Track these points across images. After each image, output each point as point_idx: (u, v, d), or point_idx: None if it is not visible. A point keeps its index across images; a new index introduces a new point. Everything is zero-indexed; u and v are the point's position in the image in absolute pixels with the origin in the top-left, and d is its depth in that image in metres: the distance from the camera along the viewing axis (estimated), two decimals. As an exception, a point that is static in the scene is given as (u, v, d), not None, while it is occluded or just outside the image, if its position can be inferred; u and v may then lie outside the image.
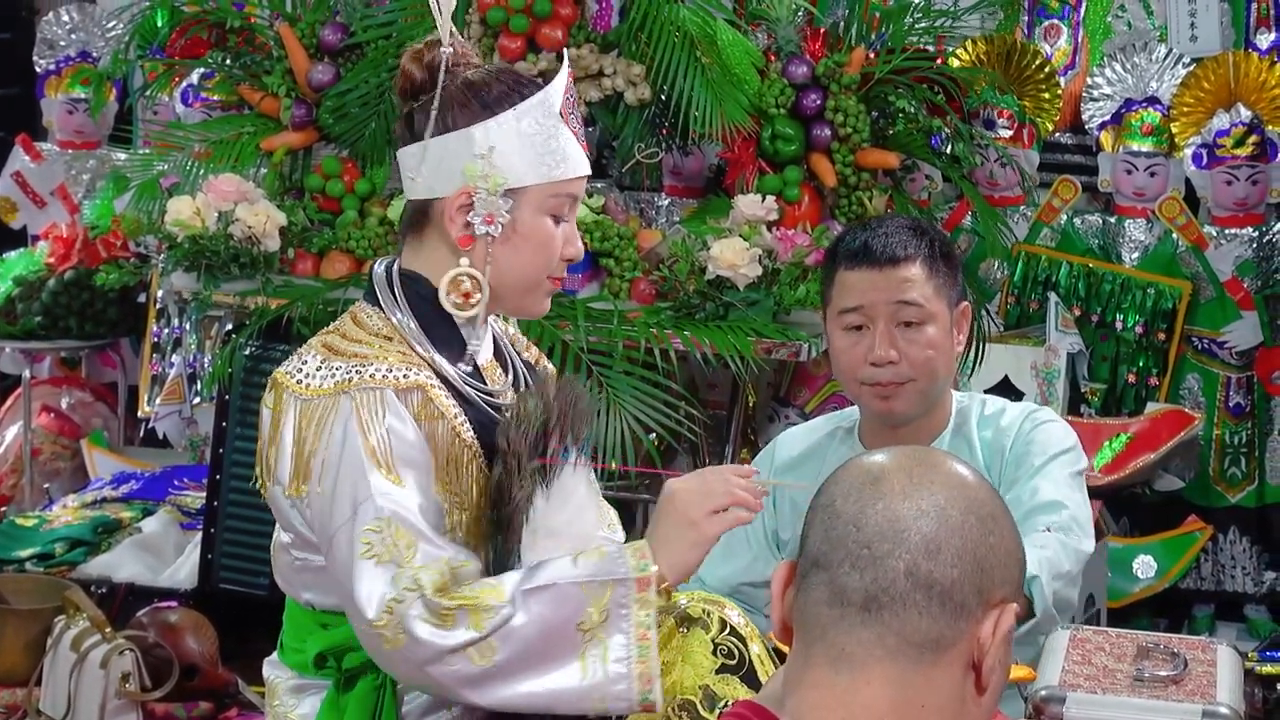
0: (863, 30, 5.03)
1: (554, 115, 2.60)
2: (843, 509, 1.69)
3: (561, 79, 2.64)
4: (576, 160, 2.63)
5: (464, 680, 2.44)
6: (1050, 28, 5.69)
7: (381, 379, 2.52)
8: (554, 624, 2.44)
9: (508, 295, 2.66)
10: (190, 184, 5.01)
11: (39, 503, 5.75)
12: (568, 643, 2.45)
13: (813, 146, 4.86)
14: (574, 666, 2.45)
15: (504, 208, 2.57)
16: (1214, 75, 5.34)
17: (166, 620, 4.21)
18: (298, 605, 2.68)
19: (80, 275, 5.94)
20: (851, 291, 3.11)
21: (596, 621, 2.44)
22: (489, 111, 2.58)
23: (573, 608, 2.44)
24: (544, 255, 2.64)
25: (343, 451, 2.49)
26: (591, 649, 2.45)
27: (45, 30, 6.49)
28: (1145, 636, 2.88)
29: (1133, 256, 5.40)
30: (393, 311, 2.62)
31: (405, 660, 2.44)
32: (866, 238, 3.12)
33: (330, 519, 2.49)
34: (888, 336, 3.08)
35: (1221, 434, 5.39)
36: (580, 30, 4.78)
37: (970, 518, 1.68)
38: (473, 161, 2.56)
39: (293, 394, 2.56)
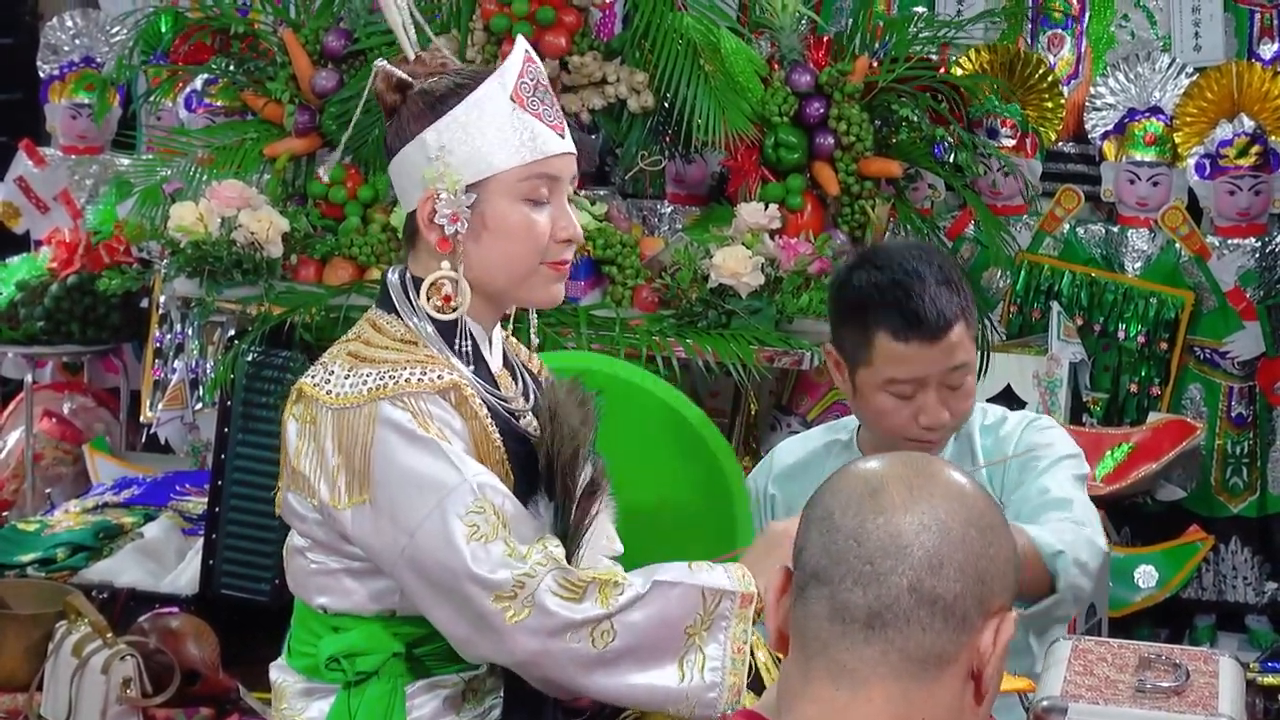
0: (866, 39, 5.03)
1: (505, 101, 2.57)
2: (842, 522, 1.68)
3: (513, 64, 2.60)
4: (539, 140, 2.59)
5: (578, 661, 2.45)
6: (1054, 37, 5.70)
7: (418, 382, 2.52)
8: (671, 620, 2.46)
9: (502, 289, 2.64)
10: (193, 190, 5.01)
11: (40, 508, 5.75)
12: (673, 643, 2.47)
13: (816, 155, 4.86)
14: (672, 668, 2.47)
15: (465, 203, 2.55)
16: (1217, 85, 5.35)
17: (168, 626, 4.21)
18: (309, 609, 2.67)
19: (83, 280, 5.94)
20: (903, 364, 3.02)
21: (701, 628, 2.48)
22: (436, 113, 2.57)
23: (690, 608, 2.47)
24: (527, 243, 2.60)
25: (405, 449, 2.48)
26: (690, 654, 2.47)
27: (49, 35, 6.50)
28: (1147, 647, 2.87)
29: (1135, 266, 5.41)
30: (410, 316, 2.61)
31: (529, 633, 2.43)
32: (915, 308, 2.99)
33: (410, 514, 2.46)
34: (940, 400, 3.04)
35: (1223, 444, 5.39)
36: (584, 38, 4.78)
37: (971, 530, 1.67)
38: (428, 165, 2.56)
39: (325, 405, 2.54)
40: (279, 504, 2.66)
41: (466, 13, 4.83)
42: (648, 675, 2.47)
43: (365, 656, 2.60)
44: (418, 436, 2.48)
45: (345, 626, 2.62)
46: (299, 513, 2.60)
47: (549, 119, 2.61)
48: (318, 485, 2.54)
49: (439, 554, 2.45)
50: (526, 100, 2.59)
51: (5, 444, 6.13)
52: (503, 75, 2.59)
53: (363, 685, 2.61)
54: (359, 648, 2.60)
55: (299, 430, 2.58)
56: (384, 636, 2.61)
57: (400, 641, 2.60)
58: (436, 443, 2.48)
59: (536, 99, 2.60)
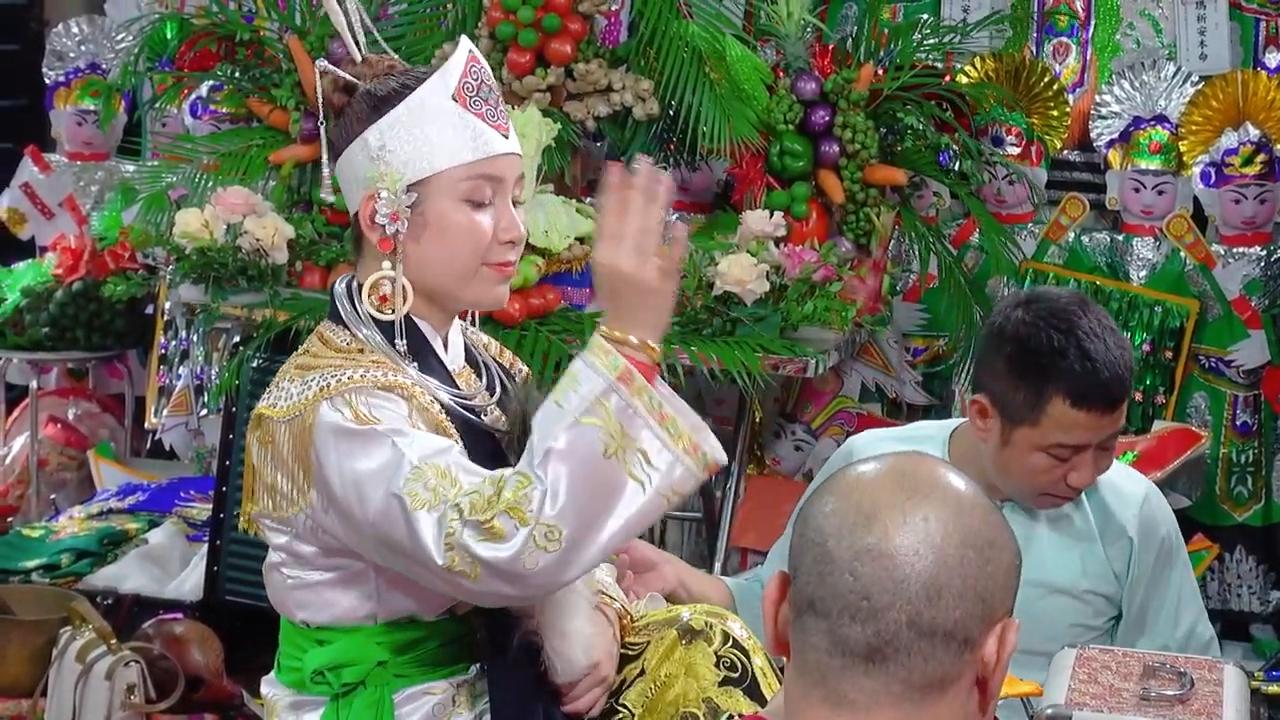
0: (871, 47, 5.03)
1: (446, 100, 2.55)
2: (836, 552, 1.66)
3: (456, 63, 2.59)
4: (481, 141, 2.57)
5: (555, 566, 2.37)
6: (1059, 45, 5.69)
7: (361, 379, 2.51)
8: (587, 471, 2.36)
9: (443, 289, 2.63)
10: (199, 196, 5.02)
11: (45, 513, 5.75)
12: (610, 473, 2.37)
13: (821, 162, 4.87)
14: (631, 486, 2.38)
15: (406, 202, 2.54)
16: (1223, 94, 5.34)
17: (172, 632, 4.22)
18: (292, 624, 2.67)
19: (88, 286, 5.94)
20: (1075, 431, 3.02)
21: (619, 439, 2.37)
22: (378, 113, 2.56)
23: (588, 445, 2.37)
24: (467, 244, 2.58)
25: (347, 439, 2.47)
26: (632, 462, 2.38)
27: (55, 42, 6.50)
28: (1152, 655, 2.87)
29: (1140, 274, 5.40)
30: (356, 326, 2.60)
31: (496, 579, 2.38)
32: (1099, 376, 3.00)
33: (364, 506, 2.45)
34: (1094, 465, 3.06)
35: (1228, 452, 5.38)
36: (589, 45, 4.78)
37: (968, 551, 1.65)
38: (370, 165, 2.55)
39: (278, 420, 2.54)
40: (245, 521, 2.66)
41: (472, 20, 4.84)
42: (618, 514, 2.38)
43: (350, 667, 2.60)
44: (357, 432, 2.46)
45: (329, 639, 2.62)
46: (272, 529, 2.60)
47: (492, 119, 2.59)
48: (289, 498, 2.54)
49: (396, 540, 2.43)
50: (469, 100, 2.57)
51: (10, 450, 6.13)
52: (444, 74, 2.58)
53: (350, 696, 2.61)
54: (343, 659, 2.60)
55: (259, 451, 2.58)
56: (368, 646, 2.60)
57: (385, 650, 2.60)
58: (375, 430, 2.46)
59: (480, 99, 2.58)
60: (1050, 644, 3.00)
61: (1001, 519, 1.71)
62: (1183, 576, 3.29)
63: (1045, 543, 3.20)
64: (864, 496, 1.69)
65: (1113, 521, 3.21)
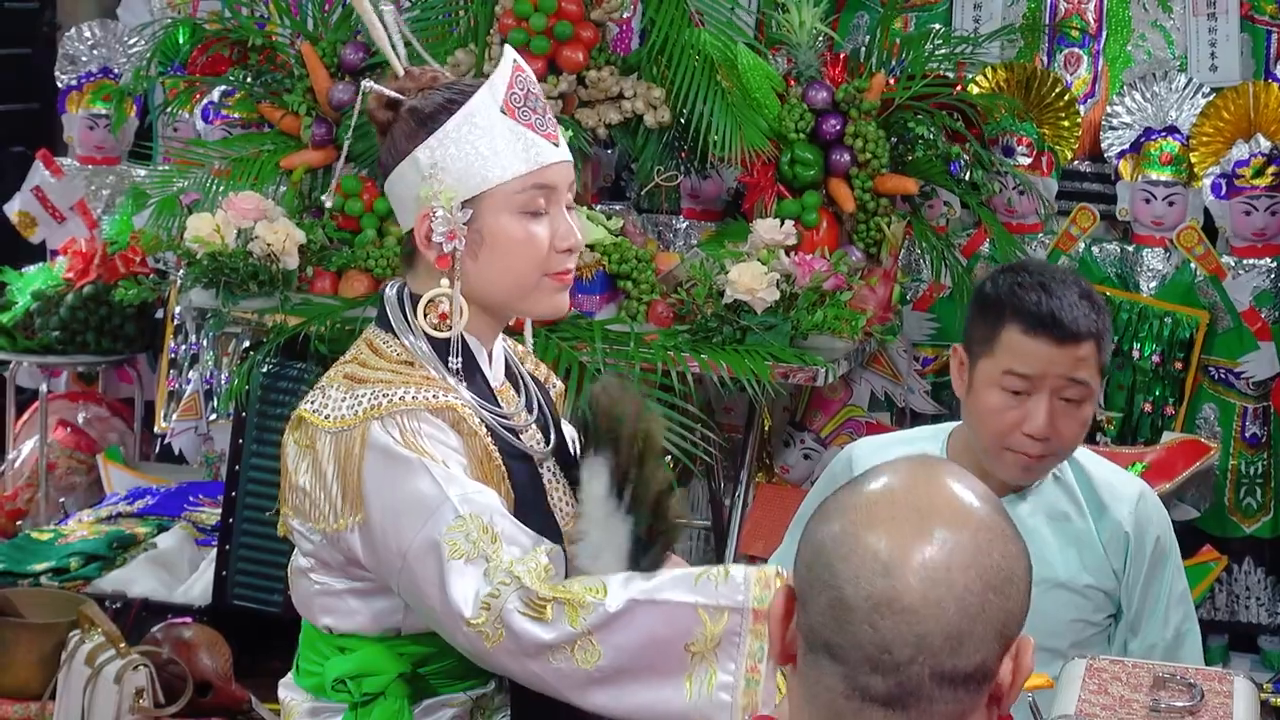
0: (883, 56, 5.04)
1: (495, 113, 2.53)
2: (853, 601, 1.60)
3: (502, 75, 2.57)
4: (532, 151, 2.55)
5: (570, 681, 2.39)
6: (1070, 56, 5.69)
7: (412, 400, 2.49)
8: (662, 640, 2.37)
9: (503, 303, 2.62)
10: (210, 201, 5.03)
11: (54, 517, 5.76)
12: (674, 661, 2.38)
13: (832, 171, 4.87)
14: (679, 686, 2.38)
15: (461, 220, 2.51)
16: (1234, 105, 5.34)
17: (181, 636, 4.22)
18: (315, 629, 2.67)
19: (98, 290, 5.95)
20: (1027, 359, 3.02)
21: (707, 646, 2.37)
22: (427, 130, 2.54)
23: (684, 627, 2.37)
24: (526, 256, 2.56)
25: (392, 465, 2.46)
26: (698, 672, 2.38)
27: (67, 46, 6.51)
28: (1161, 667, 2.87)
29: (1150, 285, 5.40)
30: (406, 335, 2.59)
31: (510, 655, 2.39)
32: (1052, 307, 3.02)
33: (399, 536, 2.44)
34: (1049, 410, 3.02)
35: (1237, 464, 5.38)
36: (601, 53, 4.79)
37: (990, 595, 1.60)
38: (422, 183, 2.53)
39: (321, 429, 2.51)
40: (281, 526, 2.66)
41: (484, 27, 4.85)
42: (649, 693, 2.39)
43: (371, 678, 2.59)
44: (404, 458, 2.45)
45: (351, 647, 2.61)
46: (302, 534, 2.60)
47: (542, 128, 2.57)
48: (319, 507, 2.53)
49: (426, 578, 2.43)
50: (518, 111, 2.55)
51: (20, 453, 6.14)
52: (492, 87, 2.55)
53: (370, 706, 2.60)
54: (365, 669, 2.59)
55: (298, 454, 2.56)
56: (389, 657, 2.59)
57: (406, 662, 2.59)
58: (423, 462, 2.45)
59: (528, 109, 2.56)
60: (1053, 639, 3.00)
61: (1013, 531, 1.66)
62: (1175, 577, 3.30)
63: (1046, 537, 3.20)
64: (878, 536, 1.62)
65: (1109, 518, 3.22)
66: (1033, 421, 3.01)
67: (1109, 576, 3.24)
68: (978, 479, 1.71)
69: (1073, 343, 2.99)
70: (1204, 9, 5.53)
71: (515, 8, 4.72)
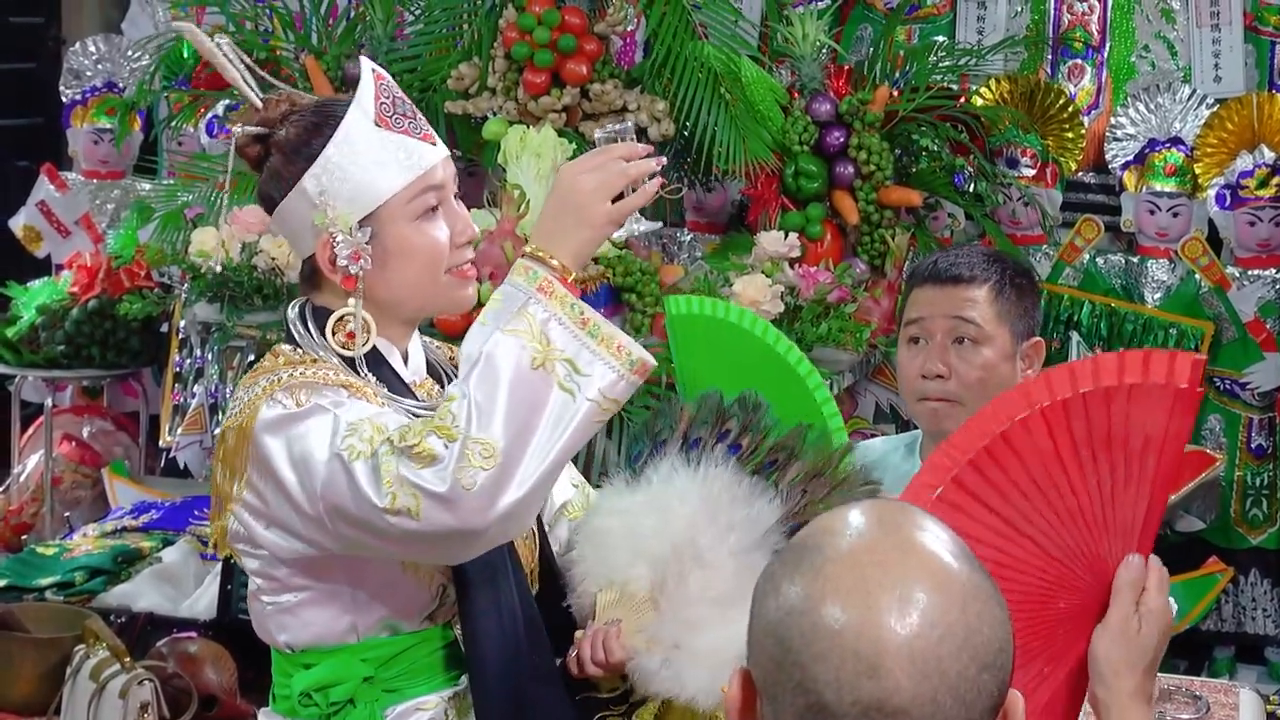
0: (887, 68, 5.04)
1: (369, 128, 2.53)
2: (837, 707, 1.47)
3: (366, 88, 2.56)
4: (414, 156, 2.55)
5: (496, 484, 2.33)
6: (1074, 67, 5.70)
7: (312, 376, 2.50)
8: (513, 382, 2.35)
9: (414, 307, 2.62)
10: (214, 215, 5.03)
11: (59, 531, 5.76)
12: (537, 383, 2.36)
13: (836, 184, 4.87)
14: (559, 396, 2.36)
15: (364, 239, 2.52)
16: (1237, 116, 5.34)
17: (186, 650, 4.22)
18: (279, 651, 2.67)
19: (103, 305, 5.95)
20: (916, 305, 3.21)
21: (544, 349, 2.37)
22: (305, 159, 2.53)
23: (513, 357, 2.36)
24: (430, 259, 2.57)
25: (290, 422, 2.44)
26: (560, 372, 2.37)
27: (72, 60, 6.52)
28: (1168, 679, 2.87)
29: (1155, 297, 5.40)
30: (313, 349, 2.59)
31: (438, 512, 2.33)
32: (938, 258, 3.25)
33: (314, 474, 2.41)
34: (941, 350, 3.16)
35: (1243, 475, 5.37)
36: (604, 66, 4.79)
37: (984, 675, 1.49)
38: (315, 212, 2.52)
39: (229, 428, 2.53)
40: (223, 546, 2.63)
41: (488, 41, 4.85)
42: (550, 424, 2.36)
43: (337, 686, 2.58)
44: (298, 414, 2.44)
45: (313, 660, 2.60)
46: (243, 551, 2.58)
47: (416, 131, 2.57)
48: (233, 497, 2.52)
49: (342, 501, 2.38)
50: (390, 120, 2.55)
51: (25, 467, 6.14)
52: (360, 103, 2.54)
53: (341, 715, 2.60)
54: (329, 679, 2.59)
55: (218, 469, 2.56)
56: (351, 663, 2.59)
57: (370, 665, 2.59)
58: (315, 405, 2.44)
59: (399, 115, 2.56)
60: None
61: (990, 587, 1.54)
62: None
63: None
64: (856, 627, 1.48)
65: None
66: (927, 361, 3.16)
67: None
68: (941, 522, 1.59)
69: (953, 284, 3.17)
70: (1208, 20, 5.53)
71: (519, 21, 4.72)
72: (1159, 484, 1.94)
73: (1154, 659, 1.94)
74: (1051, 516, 1.91)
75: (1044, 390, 1.91)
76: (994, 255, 3.28)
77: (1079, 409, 1.90)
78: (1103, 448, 1.91)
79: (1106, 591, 1.93)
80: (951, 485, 1.89)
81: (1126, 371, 1.91)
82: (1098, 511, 1.92)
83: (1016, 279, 3.22)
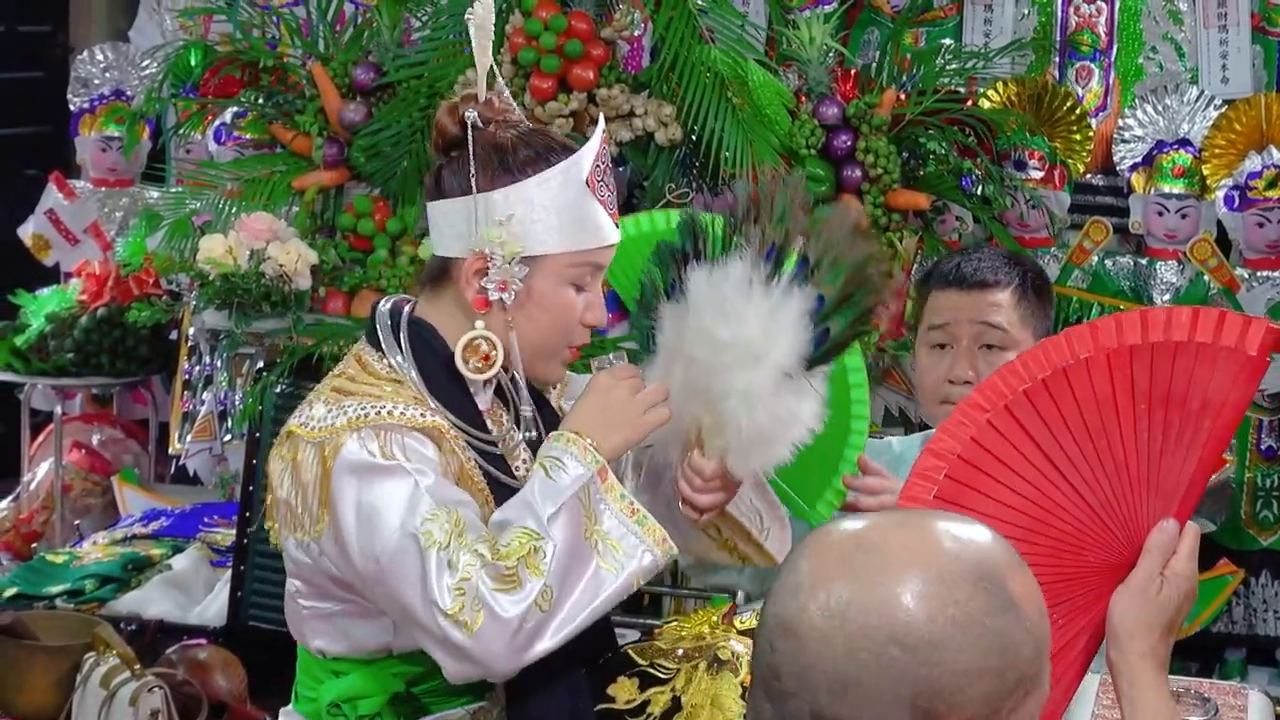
0: (894, 72, 5.03)
1: (580, 184, 2.56)
2: (767, 615, 1.53)
3: (593, 147, 2.59)
4: (601, 230, 2.59)
5: (540, 633, 2.42)
6: (1081, 69, 5.69)
7: (399, 416, 2.51)
8: (573, 540, 2.45)
9: (521, 357, 2.63)
10: (222, 222, 5.03)
11: (69, 539, 5.76)
12: (586, 552, 2.46)
13: (843, 187, 4.87)
14: (601, 569, 2.47)
15: (518, 275, 2.54)
16: (1246, 117, 5.33)
17: (196, 658, 4.22)
18: (309, 654, 2.67)
19: (112, 312, 5.96)
20: (939, 310, 3.20)
21: (591, 525, 2.48)
22: (512, 177, 2.54)
23: (576, 523, 2.47)
24: (561, 324, 2.62)
25: (369, 472, 2.47)
26: (602, 546, 2.48)
27: (80, 69, 6.53)
28: (1176, 681, 2.86)
29: (1164, 298, 5.39)
30: (393, 354, 2.60)
31: (493, 638, 2.39)
32: (960, 261, 3.23)
33: (374, 538, 2.44)
34: (968, 355, 3.15)
35: (1253, 477, 5.37)
36: (611, 71, 4.79)
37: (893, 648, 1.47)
38: (492, 227, 2.53)
39: (305, 440, 2.53)
40: (276, 541, 2.66)
41: (495, 45, 4.84)
42: (592, 592, 2.46)
43: (366, 699, 2.59)
44: (380, 466, 2.46)
45: (344, 669, 2.61)
46: (291, 554, 2.60)
47: (610, 207, 2.61)
48: (297, 517, 2.54)
49: (406, 578, 2.43)
50: (598, 186, 2.58)
51: (34, 475, 6.14)
52: (581, 158, 2.57)
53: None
54: (359, 691, 2.60)
55: (281, 468, 2.58)
56: (383, 678, 2.60)
57: (400, 681, 2.60)
58: (399, 465, 2.47)
59: (604, 185, 2.60)
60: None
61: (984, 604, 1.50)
62: None
63: None
64: (815, 561, 1.53)
65: None
66: (955, 368, 3.15)
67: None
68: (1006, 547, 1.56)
69: (979, 288, 3.17)
70: (1215, 21, 5.53)
71: (526, 26, 4.72)
72: (1209, 450, 1.92)
73: (1171, 622, 1.93)
74: (1096, 464, 1.90)
75: (1111, 333, 1.89)
76: (1012, 257, 3.29)
77: (1144, 359, 1.87)
78: (1160, 403, 1.89)
79: (1135, 553, 1.91)
80: (1002, 412, 1.87)
81: (1199, 329, 1.88)
82: (1143, 469, 1.90)
83: (1036, 280, 3.23)
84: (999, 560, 1.54)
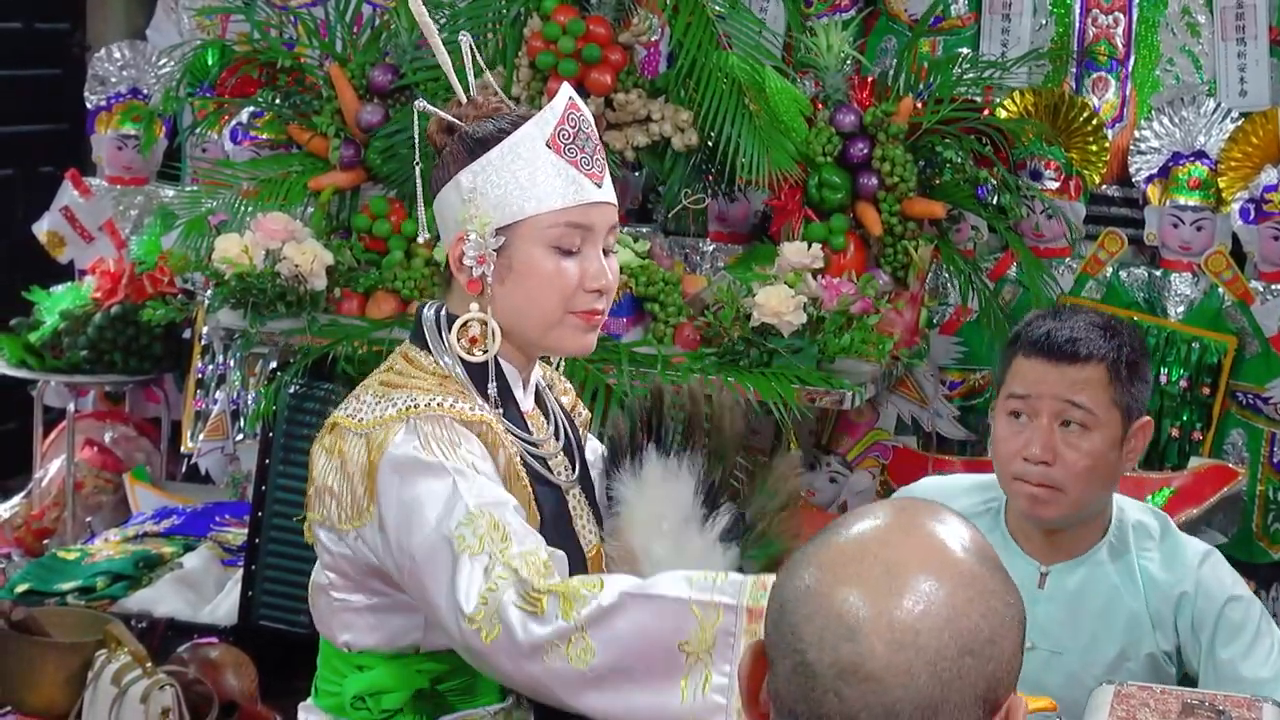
0: (911, 80, 5.03)
1: (540, 146, 2.55)
2: (817, 667, 1.49)
3: (554, 109, 2.59)
4: (575, 188, 2.57)
5: (562, 681, 2.35)
6: (1098, 80, 5.69)
7: (449, 408, 2.52)
8: (655, 637, 2.31)
9: (527, 334, 2.62)
10: (238, 222, 5.04)
11: (81, 536, 5.77)
12: (670, 661, 2.32)
13: (859, 195, 4.87)
14: (674, 688, 2.32)
15: (492, 245, 2.54)
16: (1262, 130, 5.33)
17: (207, 656, 4.22)
18: (333, 647, 2.67)
19: (126, 310, 5.96)
20: (1022, 379, 2.99)
21: (701, 646, 2.31)
22: (474, 155, 2.57)
23: (677, 624, 2.31)
24: (552, 290, 2.58)
25: (412, 468, 2.46)
26: (694, 673, 2.31)
27: (97, 67, 6.54)
28: (1190, 693, 2.85)
29: (1178, 310, 5.39)
30: (442, 355, 2.62)
31: (505, 653, 2.36)
32: (1051, 327, 2.99)
33: (410, 534, 2.44)
34: (1048, 434, 2.96)
35: (1265, 490, 5.36)
36: (628, 75, 4.79)
37: (966, 659, 1.48)
38: (460, 206, 2.56)
39: (352, 431, 2.54)
40: (308, 532, 2.66)
41: (512, 49, 4.85)
42: (647, 695, 2.33)
43: (390, 694, 2.59)
44: (425, 461, 2.46)
45: (369, 664, 2.61)
46: (325, 545, 2.60)
47: (587, 167, 2.59)
48: (342, 507, 2.54)
49: (435, 578, 2.42)
50: (564, 147, 2.57)
51: (47, 472, 6.15)
52: (542, 121, 2.58)
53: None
54: (383, 686, 2.60)
55: (326, 459, 2.58)
56: (408, 674, 2.60)
57: (425, 678, 2.60)
58: (443, 465, 2.46)
59: (575, 146, 2.58)
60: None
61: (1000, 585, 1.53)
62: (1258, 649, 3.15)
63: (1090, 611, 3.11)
64: (845, 594, 1.50)
65: (1160, 590, 3.12)
66: (1030, 444, 2.96)
67: (1161, 652, 3.14)
68: (969, 524, 1.59)
69: (1068, 362, 2.95)
70: (1233, 33, 5.52)
71: (544, 30, 4.72)
72: None
73: None
74: None
75: None
76: (1109, 327, 3.02)
77: None
78: None
79: None
80: None
81: None
82: None
83: (1132, 355, 2.98)
84: (980, 537, 1.58)
